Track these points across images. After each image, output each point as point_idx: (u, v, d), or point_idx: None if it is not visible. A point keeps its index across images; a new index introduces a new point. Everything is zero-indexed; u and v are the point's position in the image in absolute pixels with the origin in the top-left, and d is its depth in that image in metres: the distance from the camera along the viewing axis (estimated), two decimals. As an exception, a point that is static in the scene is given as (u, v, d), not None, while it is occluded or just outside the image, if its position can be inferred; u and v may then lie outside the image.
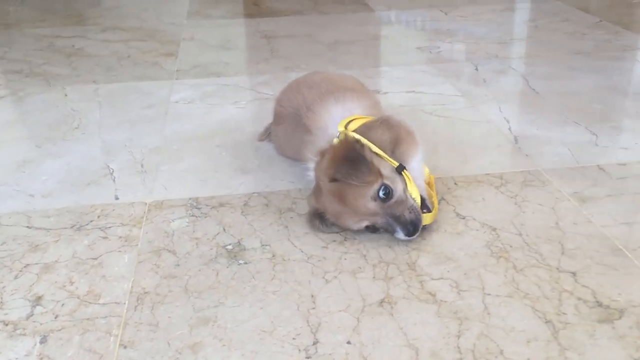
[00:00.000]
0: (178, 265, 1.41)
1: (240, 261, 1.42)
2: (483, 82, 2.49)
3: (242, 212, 1.61)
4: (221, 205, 1.65)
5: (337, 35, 3.20)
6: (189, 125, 2.16)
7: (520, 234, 1.48)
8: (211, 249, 1.47)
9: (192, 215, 1.61)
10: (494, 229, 1.50)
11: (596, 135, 1.98)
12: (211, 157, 1.93)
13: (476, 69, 2.64)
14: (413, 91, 2.41)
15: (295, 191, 1.70)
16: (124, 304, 1.30)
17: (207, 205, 1.65)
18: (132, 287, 1.35)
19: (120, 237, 1.52)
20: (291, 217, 1.58)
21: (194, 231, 1.54)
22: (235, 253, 1.45)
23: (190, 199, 1.69)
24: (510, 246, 1.43)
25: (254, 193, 1.71)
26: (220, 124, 2.16)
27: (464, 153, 1.89)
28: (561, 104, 2.24)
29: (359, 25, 3.40)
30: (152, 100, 2.39)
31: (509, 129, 2.05)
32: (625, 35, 3.06)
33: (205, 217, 1.60)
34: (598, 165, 1.79)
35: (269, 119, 1.95)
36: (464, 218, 1.55)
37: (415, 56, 2.86)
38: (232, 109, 2.29)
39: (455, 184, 1.72)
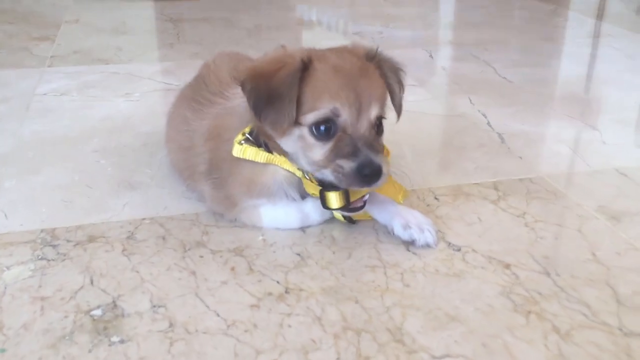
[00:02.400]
0: (3, 351, 0.82)
1: (114, 338, 0.85)
2: (442, 70, 2.03)
3: (123, 251, 1.04)
4: (91, 240, 1.07)
5: (259, 20, 2.66)
6: (56, 124, 1.55)
7: (547, 273, 0.99)
8: (66, 316, 0.88)
9: (42, 258, 1.01)
10: (508, 266, 1.01)
11: (599, 131, 1.55)
12: (84, 166, 1.33)
13: (430, 56, 2.18)
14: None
15: (207, 215, 1.14)
16: None
17: (68, 241, 1.06)
18: None
19: None
20: (201, 257, 1.03)
21: (40, 286, 0.95)
22: (105, 323, 0.87)
23: (42, 231, 1.09)
24: (539, 293, 0.94)
25: (144, 219, 1.13)
26: (102, 122, 1.57)
27: (439, 156, 1.40)
28: (541, 93, 1.81)
29: (286, 9, 2.88)
30: (9, 93, 1.75)
31: (489, 124, 1.58)
32: (587, 23, 2.71)
33: (63, 261, 1.01)
34: (616, 169, 1.35)
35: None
36: (459, 250, 1.05)
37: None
38: (121, 103, 1.70)
39: (436, 198, 1.22)
